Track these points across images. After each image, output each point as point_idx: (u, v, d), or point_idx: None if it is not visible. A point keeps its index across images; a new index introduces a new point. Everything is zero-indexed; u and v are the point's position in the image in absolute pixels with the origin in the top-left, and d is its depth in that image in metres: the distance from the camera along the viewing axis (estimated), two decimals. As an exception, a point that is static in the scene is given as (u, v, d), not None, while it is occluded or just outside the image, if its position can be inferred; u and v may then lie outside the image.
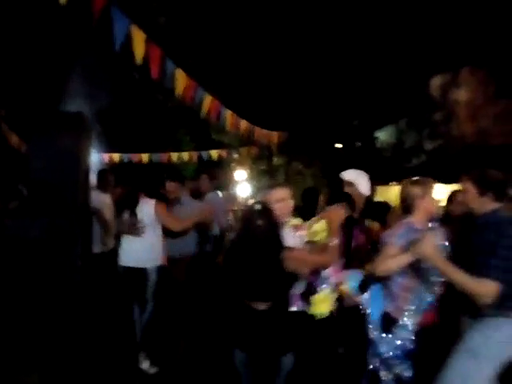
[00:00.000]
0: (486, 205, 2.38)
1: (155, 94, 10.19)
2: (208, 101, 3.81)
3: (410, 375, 2.47)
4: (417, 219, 2.53)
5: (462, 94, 13.50)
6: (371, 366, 2.56)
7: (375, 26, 12.77)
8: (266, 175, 13.01)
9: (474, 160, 9.57)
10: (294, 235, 2.76)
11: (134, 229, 3.71)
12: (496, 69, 13.06)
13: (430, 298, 2.50)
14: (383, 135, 15.21)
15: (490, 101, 13.22)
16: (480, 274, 2.17)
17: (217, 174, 5.39)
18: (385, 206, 4.00)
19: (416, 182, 2.58)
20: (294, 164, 13.58)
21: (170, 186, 4.47)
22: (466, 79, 13.50)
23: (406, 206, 2.57)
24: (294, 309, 2.78)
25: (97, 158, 7.44)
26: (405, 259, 2.34)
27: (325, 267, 2.74)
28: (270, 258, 2.45)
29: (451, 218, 3.37)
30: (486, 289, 2.16)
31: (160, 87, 8.93)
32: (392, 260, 2.38)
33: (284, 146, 11.80)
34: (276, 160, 13.84)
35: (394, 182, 9.68)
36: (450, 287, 2.38)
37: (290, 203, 2.78)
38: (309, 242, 2.77)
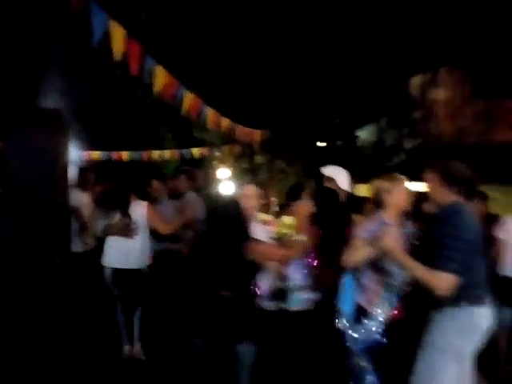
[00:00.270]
0: (446, 197, 2.37)
1: (136, 90, 10.05)
2: (189, 98, 3.79)
3: (373, 367, 2.52)
4: (387, 214, 2.61)
5: (440, 94, 13.79)
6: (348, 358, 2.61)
7: (356, 27, 12.90)
8: (249, 173, 13.02)
9: (451, 158, 9.79)
10: (262, 229, 2.90)
11: (128, 230, 3.67)
12: (473, 69, 13.39)
13: (399, 293, 2.58)
14: (364, 134, 15.42)
15: (467, 100, 13.54)
16: (435, 267, 2.18)
17: (195, 174, 5.36)
18: (368, 200, 4.09)
19: (385, 178, 2.66)
20: (277, 162, 13.62)
21: (156, 184, 4.49)
22: (444, 79, 13.79)
23: (377, 201, 2.65)
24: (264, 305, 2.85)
25: (76, 156, 7.32)
26: (368, 252, 2.45)
27: (289, 261, 2.83)
28: (234, 247, 2.52)
29: (423, 215, 3.45)
30: (440, 281, 2.16)
31: (141, 84, 8.82)
32: (357, 252, 2.50)
33: (266, 144, 11.83)
34: (258, 158, 13.86)
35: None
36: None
37: (256, 200, 2.92)
38: (277, 237, 2.88)
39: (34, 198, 3.30)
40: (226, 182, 9.00)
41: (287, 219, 2.90)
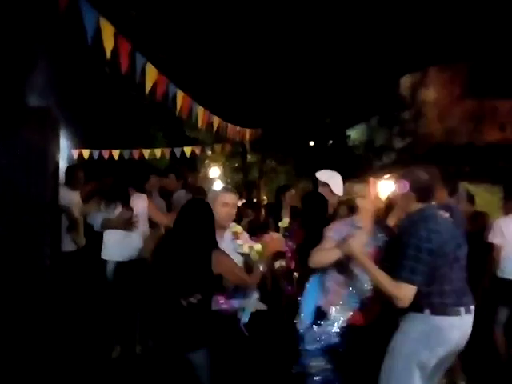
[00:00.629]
0: (413, 205, 2.33)
1: (127, 89, 9.99)
2: (179, 97, 3.78)
3: (330, 367, 2.53)
4: (359, 218, 2.57)
5: (430, 94, 13.94)
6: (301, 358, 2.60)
7: (348, 27, 12.97)
8: (240, 172, 13.03)
9: (440, 158, 9.90)
10: (231, 241, 2.80)
11: (129, 223, 3.72)
12: (462, 69, 13.55)
13: (362, 298, 2.55)
14: (355, 133, 15.52)
15: (457, 100, 13.70)
16: (397, 277, 2.16)
17: (185, 173, 5.38)
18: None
19: (358, 182, 2.69)
20: (268, 161, 13.66)
21: (153, 180, 4.55)
22: (433, 79, 13.94)
23: (350, 204, 2.66)
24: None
25: (66, 154, 7.24)
26: (334, 254, 2.42)
27: (244, 286, 2.65)
28: (197, 253, 2.41)
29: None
30: (399, 291, 2.14)
31: (132, 82, 8.76)
32: (324, 253, 2.49)
33: (258, 143, 11.85)
34: (250, 157, 13.88)
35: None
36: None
37: (234, 210, 2.80)
38: (243, 254, 2.78)
39: (23, 197, 3.26)
40: (216, 181, 9.00)
41: (258, 247, 2.75)
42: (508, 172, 8.29)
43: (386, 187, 3.39)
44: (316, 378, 2.56)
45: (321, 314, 2.58)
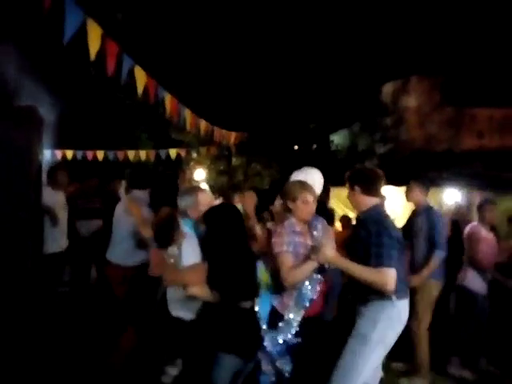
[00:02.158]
0: (368, 202, 2.56)
1: (112, 90, 9.93)
2: (167, 99, 3.80)
3: (290, 369, 2.55)
4: (296, 219, 2.62)
5: (411, 101, 14.24)
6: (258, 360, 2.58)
7: (331, 35, 13.18)
8: (225, 175, 13.04)
9: (421, 163, 10.14)
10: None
11: None
12: (442, 77, 13.90)
13: (311, 294, 2.60)
14: (338, 138, 15.71)
15: (436, 108, 14.04)
16: (377, 265, 2.34)
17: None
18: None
19: (294, 183, 2.73)
20: (253, 165, 13.69)
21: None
22: (414, 87, 14.26)
23: (287, 207, 2.69)
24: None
25: (49, 154, 7.16)
26: (310, 267, 2.45)
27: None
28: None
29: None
30: (386, 277, 2.30)
31: (118, 84, 8.72)
32: (299, 271, 2.47)
33: (243, 146, 11.89)
34: (235, 160, 13.89)
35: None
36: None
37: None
38: None
39: (4, 198, 3.23)
40: (201, 184, 9.00)
41: None
42: (486, 179, 8.54)
43: (392, 191, 3.38)
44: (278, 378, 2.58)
45: (276, 316, 2.59)
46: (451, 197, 6.65)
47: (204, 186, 9.93)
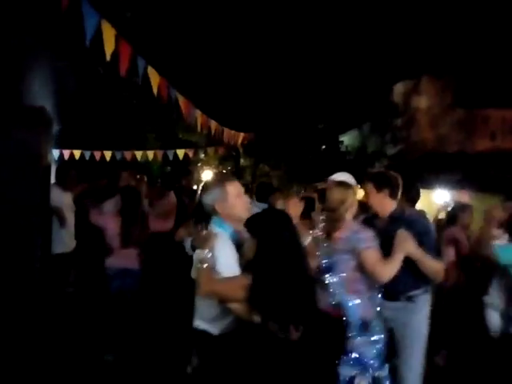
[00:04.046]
0: (388, 203, 2.72)
1: (120, 90, 9.92)
2: (180, 100, 3.76)
3: (386, 374, 2.47)
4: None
5: (422, 102, 14.07)
6: (350, 373, 2.43)
7: (342, 34, 13.06)
8: (233, 176, 13.02)
9: (432, 165, 10.01)
10: None
11: (206, 242, 3.65)
12: (454, 78, 13.74)
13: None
14: (347, 139, 15.58)
15: (448, 109, 13.86)
16: (435, 257, 2.60)
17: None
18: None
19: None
20: (261, 166, 13.65)
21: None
22: (426, 87, 14.09)
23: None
24: None
25: (57, 154, 7.15)
26: (399, 259, 2.48)
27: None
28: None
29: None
30: (441, 267, 2.64)
31: (126, 83, 8.70)
32: (392, 264, 2.47)
33: (251, 147, 11.84)
34: (243, 161, 13.86)
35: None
36: None
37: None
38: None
39: (13, 198, 3.19)
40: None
41: None
42: (498, 181, 8.40)
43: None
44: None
45: (365, 326, 2.48)
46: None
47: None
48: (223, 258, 2.13)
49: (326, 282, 2.53)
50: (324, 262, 2.58)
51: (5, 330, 2.95)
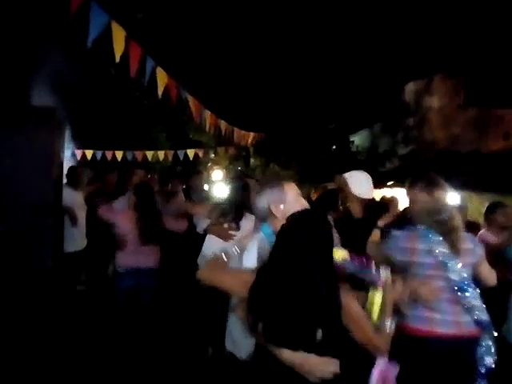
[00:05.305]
0: None
1: (131, 90, 10.00)
2: (190, 100, 3.77)
3: None
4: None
5: (434, 101, 13.88)
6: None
7: (353, 33, 12.98)
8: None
9: (445, 165, 9.87)
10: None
11: (229, 235, 3.31)
12: (467, 77, 13.54)
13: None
14: (358, 139, 15.46)
15: (460, 108, 13.66)
16: None
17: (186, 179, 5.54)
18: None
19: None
20: (271, 165, 13.61)
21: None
22: (438, 86, 13.90)
23: None
24: None
25: (69, 155, 7.24)
26: None
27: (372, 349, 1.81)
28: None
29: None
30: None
31: (137, 84, 8.77)
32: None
33: (261, 147, 11.83)
34: (253, 161, 13.84)
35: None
36: None
37: None
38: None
39: (26, 198, 3.24)
40: (219, 184, 8.97)
41: (378, 295, 2.02)
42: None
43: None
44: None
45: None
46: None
47: (221, 185, 9.90)
48: (249, 260, 2.04)
49: (467, 299, 2.30)
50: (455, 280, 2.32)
51: (17, 328, 2.99)
